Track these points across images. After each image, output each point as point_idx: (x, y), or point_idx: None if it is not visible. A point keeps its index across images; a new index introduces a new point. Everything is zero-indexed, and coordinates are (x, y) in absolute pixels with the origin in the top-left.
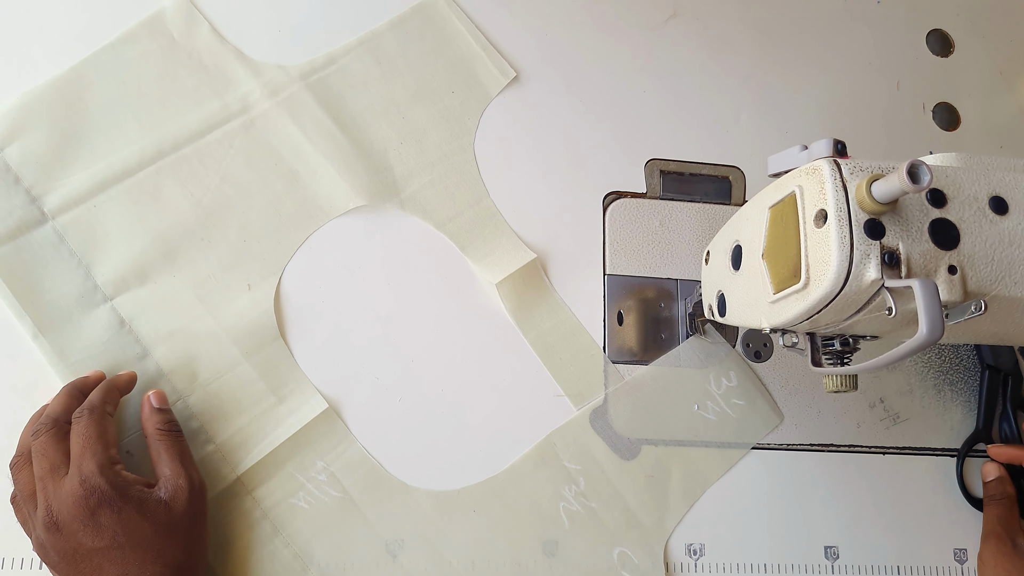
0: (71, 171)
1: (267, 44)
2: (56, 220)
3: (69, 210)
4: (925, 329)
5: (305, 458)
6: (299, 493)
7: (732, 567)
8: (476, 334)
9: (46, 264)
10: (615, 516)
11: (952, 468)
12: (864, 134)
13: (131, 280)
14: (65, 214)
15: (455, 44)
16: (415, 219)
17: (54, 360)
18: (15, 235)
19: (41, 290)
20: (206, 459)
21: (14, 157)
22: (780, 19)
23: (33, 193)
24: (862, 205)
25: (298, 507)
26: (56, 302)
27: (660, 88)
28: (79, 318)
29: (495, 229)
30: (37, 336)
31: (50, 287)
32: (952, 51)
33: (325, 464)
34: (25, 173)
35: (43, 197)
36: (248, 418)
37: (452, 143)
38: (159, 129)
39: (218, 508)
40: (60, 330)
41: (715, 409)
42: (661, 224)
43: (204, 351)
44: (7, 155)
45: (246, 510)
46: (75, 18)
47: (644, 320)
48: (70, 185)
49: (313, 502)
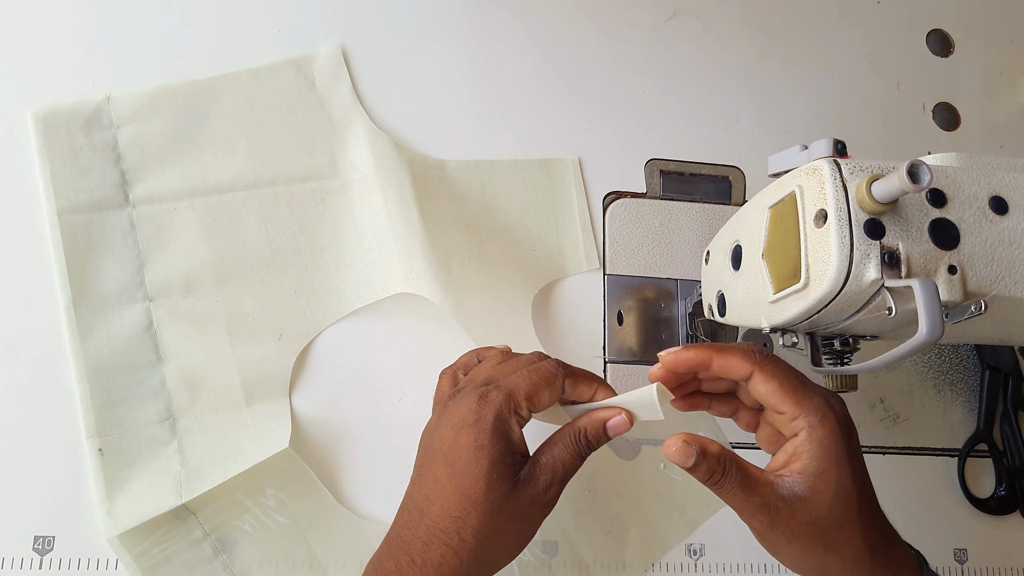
0: (168, 169)
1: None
2: (135, 209)
3: (150, 204)
4: (925, 329)
5: (256, 486)
6: (244, 516)
7: (732, 567)
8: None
9: (108, 246)
10: (567, 570)
11: (952, 468)
12: (864, 134)
13: (175, 289)
14: (145, 206)
15: (560, 208)
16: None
17: (74, 337)
18: (94, 208)
19: (93, 267)
20: (166, 477)
21: (125, 138)
22: (780, 19)
23: (127, 177)
24: (862, 205)
25: (242, 529)
26: (101, 284)
27: (660, 88)
28: (115, 307)
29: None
30: (69, 308)
31: (102, 268)
32: (952, 51)
33: (275, 491)
34: (128, 155)
35: (134, 184)
36: (223, 458)
37: (514, 287)
38: (265, 161)
39: (156, 527)
40: (93, 311)
41: (681, 470)
42: (661, 224)
43: (211, 381)
44: (121, 133)
45: (187, 529)
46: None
47: (644, 320)
48: (162, 182)
49: (259, 526)
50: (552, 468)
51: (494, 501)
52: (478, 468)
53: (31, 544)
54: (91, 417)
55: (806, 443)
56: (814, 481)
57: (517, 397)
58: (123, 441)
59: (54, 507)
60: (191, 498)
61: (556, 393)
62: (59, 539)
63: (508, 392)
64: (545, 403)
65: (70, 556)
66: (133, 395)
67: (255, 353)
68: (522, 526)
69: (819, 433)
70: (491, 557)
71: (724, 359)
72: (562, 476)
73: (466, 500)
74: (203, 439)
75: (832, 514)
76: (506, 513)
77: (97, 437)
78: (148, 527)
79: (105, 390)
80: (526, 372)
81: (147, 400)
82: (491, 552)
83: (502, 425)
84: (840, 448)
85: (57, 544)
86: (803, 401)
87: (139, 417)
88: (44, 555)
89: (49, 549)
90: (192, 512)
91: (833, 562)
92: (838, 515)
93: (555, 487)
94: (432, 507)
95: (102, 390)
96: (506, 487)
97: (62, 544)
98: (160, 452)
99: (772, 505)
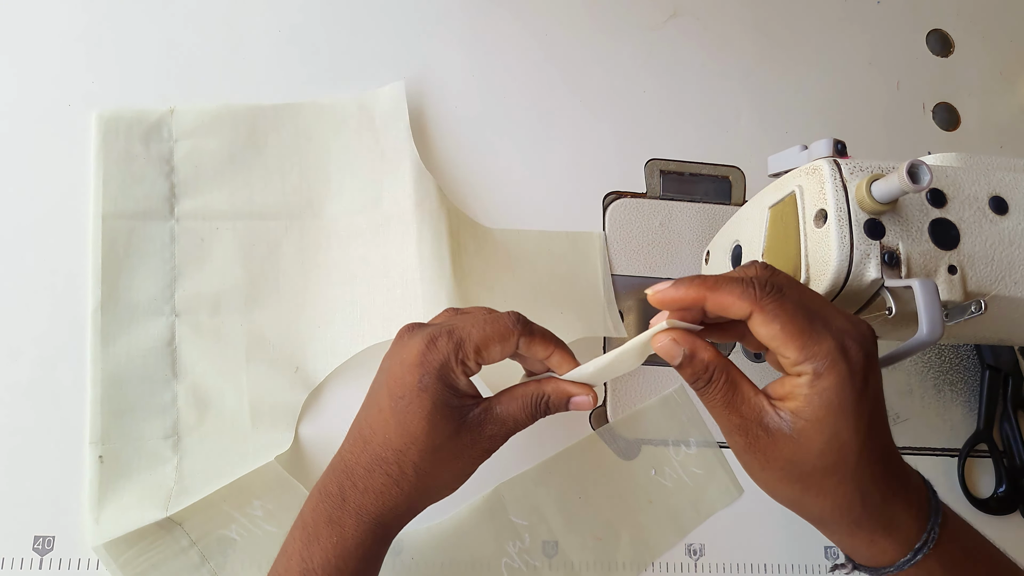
0: (217, 188)
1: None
2: (178, 223)
3: (194, 220)
4: (925, 329)
5: (243, 498)
6: (232, 526)
7: (732, 567)
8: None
9: (145, 256)
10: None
11: (952, 468)
12: (864, 134)
13: (203, 306)
14: (188, 221)
15: (584, 279)
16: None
17: (96, 340)
18: (138, 217)
19: (127, 275)
20: (157, 492)
21: (181, 152)
22: (780, 19)
23: (176, 190)
24: (862, 205)
25: (229, 538)
26: (132, 292)
27: (660, 88)
28: (140, 317)
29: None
30: (96, 311)
31: (135, 276)
32: (952, 51)
33: (262, 503)
34: (181, 169)
35: (181, 198)
36: (217, 480)
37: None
38: (313, 191)
39: (141, 537)
40: (119, 318)
41: (672, 476)
42: (661, 224)
43: (221, 404)
44: (178, 147)
45: (173, 538)
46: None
47: (644, 320)
48: (209, 199)
49: (246, 535)
50: (502, 420)
51: (435, 440)
52: (420, 408)
53: (31, 544)
54: (98, 423)
55: (804, 388)
56: (805, 426)
57: (466, 347)
58: (124, 451)
59: (54, 507)
60: (177, 511)
61: (509, 348)
62: (59, 539)
63: (458, 341)
64: (496, 356)
65: (70, 556)
66: (142, 407)
67: (269, 382)
68: (462, 465)
69: (822, 383)
70: (430, 490)
71: (719, 297)
72: (510, 429)
73: (407, 436)
74: (202, 460)
75: (820, 461)
76: (447, 451)
77: (100, 444)
78: (133, 537)
79: (116, 398)
80: (481, 322)
81: (155, 414)
82: (430, 486)
83: (447, 372)
84: (845, 399)
85: (57, 544)
86: (809, 345)
87: (144, 430)
88: (44, 555)
89: (49, 549)
90: (178, 523)
91: (812, 502)
92: (827, 464)
93: (499, 438)
94: (376, 436)
95: (113, 397)
96: (449, 428)
97: (62, 544)
98: (158, 468)
99: (752, 431)
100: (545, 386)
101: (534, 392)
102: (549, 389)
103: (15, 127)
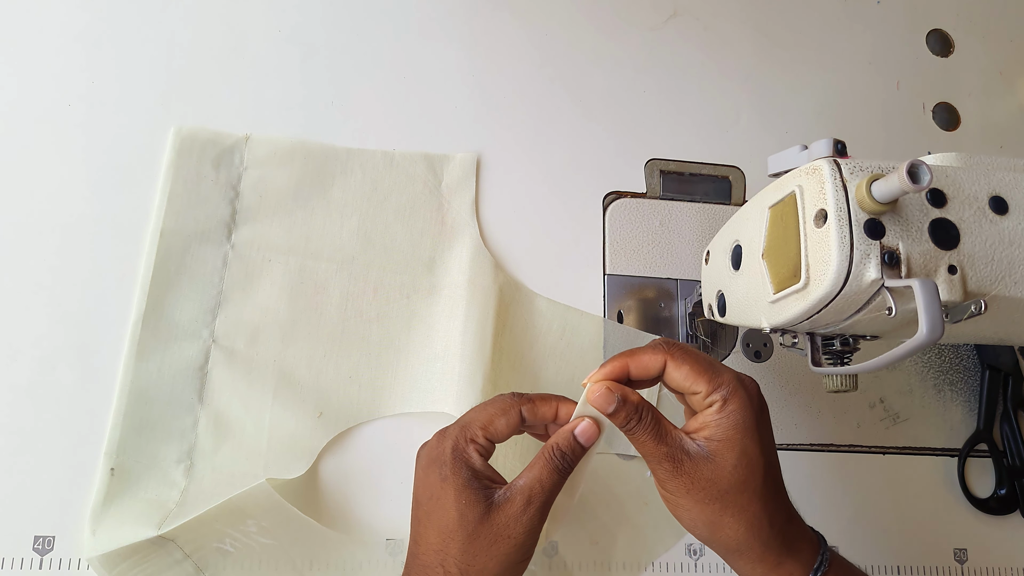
0: (277, 221)
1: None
2: (233, 249)
3: (248, 249)
4: (925, 329)
5: (236, 518)
6: (225, 540)
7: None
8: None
9: (195, 277)
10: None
11: (952, 468)
12: (864, 134)
13: (239, 336)
14: (243, 249)
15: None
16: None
17: (131, 352)
18: (195, 238)
19: (173, 292)
20: (157, 512)
21: (249, 180)
22: (780, 19)
23: (237, 217)
24: (862, 205)
25: (223, 550)
26: (175, 311)
27: (660, 88)
28: (179, 337)
29: None
30: (137, 323)
31: (181, 296)
32: (952, 51)
33: (255, 521)
34: (245, 197)
35: (240, 225)
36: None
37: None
38: (368, 241)
39: (134, 551)
40: (157, 334)
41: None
42: (661, 224)
43: (237, 440)
44: (247, 174)
45: (166, 551)
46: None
47: (644, 320)
48: (267, 231)
49: (240, 548)
50: (528, 489)
51: (468, 528)
52: (447, 499)
53: (31, 544)
54: (116, 434)
55: (715, 414)
56: (718, 446)
57: (472, 428)
58: (136, 468)
59: (54, 507)
60: (168, 529)
61: (513, 420)
62: (59, 539)
63: (463, 424)
64: (502, 430)
65: (70, 556)
66: (163, 427)
67: (291, 424)
68: (504, 548)
69: (728, 407)
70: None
71: (637, 360)
72: (540, 495)
73: (443, 533)
74: (209, 489)
75: (734, 476)
76: (484, 538)
77: (115, 456)
78: (127, 551)
79: (139, 413)
80: (483, 406)
81: (173, 437)
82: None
83: (460, 455)
84: (749, 420)
85: (57, 544)
86: (715, 378)
87: (159, 451)
88: (44, 555)
89: (49, 549)
90: (170, 539)
91: (728, 523)
92: (740, 479)
93: (533, 507)
94: (419, 548)
95: (136, 412)
96: (478, 511)
97: (62, 544)
98: (165, 491)
99: (677, 457)
100: (551, 439)
101: (545, 450)
102: (554, 438)
103: (15, 127)
